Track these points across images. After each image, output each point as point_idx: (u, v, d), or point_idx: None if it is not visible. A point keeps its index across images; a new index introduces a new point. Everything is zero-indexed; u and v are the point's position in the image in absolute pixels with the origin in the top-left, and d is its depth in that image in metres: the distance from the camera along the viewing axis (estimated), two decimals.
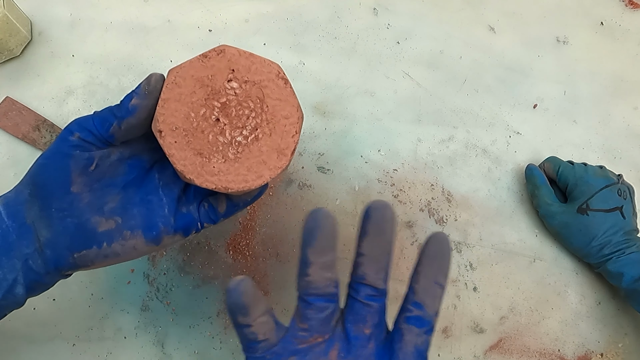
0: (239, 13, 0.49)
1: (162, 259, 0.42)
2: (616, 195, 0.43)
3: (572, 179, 0.45)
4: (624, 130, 0.53)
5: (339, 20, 0.50)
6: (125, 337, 0.40)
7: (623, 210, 0.43)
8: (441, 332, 0.44)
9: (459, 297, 0.45)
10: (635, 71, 0.55)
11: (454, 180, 0.48)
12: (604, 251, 0.43)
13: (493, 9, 0.54)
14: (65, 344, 0.40)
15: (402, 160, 0.48)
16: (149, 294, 0.41)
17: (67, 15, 0.46)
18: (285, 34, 0.49)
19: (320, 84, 0.48)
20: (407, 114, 0.49)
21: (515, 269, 0.47)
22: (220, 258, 0.42)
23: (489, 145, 0.50)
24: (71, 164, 0.27)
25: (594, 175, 0.44)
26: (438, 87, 0.50)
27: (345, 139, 0.47)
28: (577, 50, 0.54)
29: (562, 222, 0.45)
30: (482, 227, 0.47)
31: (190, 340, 0.41)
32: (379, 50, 0.50)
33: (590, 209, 0.43)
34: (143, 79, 0.27)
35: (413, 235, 0.46)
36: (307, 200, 0.45)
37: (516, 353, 0.45)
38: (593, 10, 0.56)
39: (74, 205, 0.28)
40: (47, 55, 0.45)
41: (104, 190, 0.29)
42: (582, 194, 0.44)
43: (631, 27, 0.56)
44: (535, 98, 0.52)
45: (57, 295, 0.40)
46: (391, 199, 0.46)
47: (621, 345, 0.47)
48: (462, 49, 0.52)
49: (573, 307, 0.47)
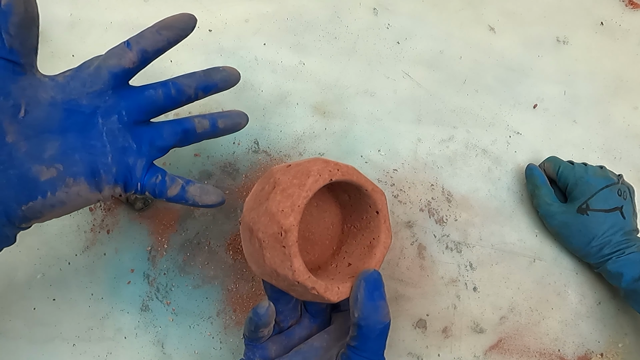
0: (239, 13, 0.49)
1: (162, 259, 0.42)
2: (616, 195, 0.43)
3: (572, 178, 0.45)
4: (624, 130, 0.53)
5: (339, 20, 0.50)
6: (125, 337, 0.40)
7: (623, 210, 0.43)
8: (441, 332, 0.44)
9: (459, 297, 0.45)
10: (635, 71, 0.55)
11: (454, 180, 0.48)
12: (604, 251, 0.43)
13: (493, 9, 0.54)
14: (65, 344, 0.40)
15: (402, 160, 0.48)
16: (149, 294, 0.41)
17: (67, 15, 0.46)
18: (285, 34, 0.49)
19: (320, 84, 0.48)
20: (407, 114, 0.49)
21: (515, 269, 0.47)
22: (220, 258, 0.42)
23: (489, 145, 0.50)
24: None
25: (594, 175, 0.44)
26: (438, 87, 0.50)
27: (345, 139, 0.47)
28: (577, 50, 0.54)
29: (562, 222, 0.45)
30: (482, 227, 0.47)
31: (190, 340, 0.41)
32: (379, 50, 0.50)
33: (590, 209, 0.43)
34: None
35: (413, 235, 0.46)
36: None
37: (516, 353, 0.45)
38: (593, 10, 0.56)
39: (12, 156, 0.27)
40: (47, 55, 0.45)
41: (41, 137, 0.28)
42: (582, 193, 0.44)
43: (631, 27, 0.56)
44: (535, 98, 0.52)
45: (57, 295, 0.40)
46: (391, 199, 0.46)
47: (621, 345, 0.47)
48: (462, 49, 0.52)
49: (573, 307, 0.47)
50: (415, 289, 0.45)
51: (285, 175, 0.30)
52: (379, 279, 0.30)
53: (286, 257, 0.28)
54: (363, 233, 0.33)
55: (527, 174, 0.48)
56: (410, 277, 0.45)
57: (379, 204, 0.32)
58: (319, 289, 0.29)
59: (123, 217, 0.42)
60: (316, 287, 0.29)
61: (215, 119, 0.33)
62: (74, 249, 0.41)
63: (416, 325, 0.44)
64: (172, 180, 0.31)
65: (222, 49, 0.48)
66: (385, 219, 0.32)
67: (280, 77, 0.48)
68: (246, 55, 0.48)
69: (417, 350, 0.44)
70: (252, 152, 0.45)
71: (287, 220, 0.28)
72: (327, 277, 0.31)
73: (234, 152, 0.45)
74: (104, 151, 0.29)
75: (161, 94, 0.30)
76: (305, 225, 0.34)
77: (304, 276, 0.28)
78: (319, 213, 0.34)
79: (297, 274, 0.28)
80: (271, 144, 0.46)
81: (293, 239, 0.28)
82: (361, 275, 0.30)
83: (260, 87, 0.47)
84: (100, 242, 0.42)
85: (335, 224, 0.35)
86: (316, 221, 0.34)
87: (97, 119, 0.29)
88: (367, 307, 0.29)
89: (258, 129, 0.46)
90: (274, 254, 0.29)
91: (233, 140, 0.45)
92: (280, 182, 0.30)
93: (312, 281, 0.29)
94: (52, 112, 0.28)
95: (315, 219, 0.34)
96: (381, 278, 0.30)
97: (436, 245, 0.46)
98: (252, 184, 0.44)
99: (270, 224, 0.28)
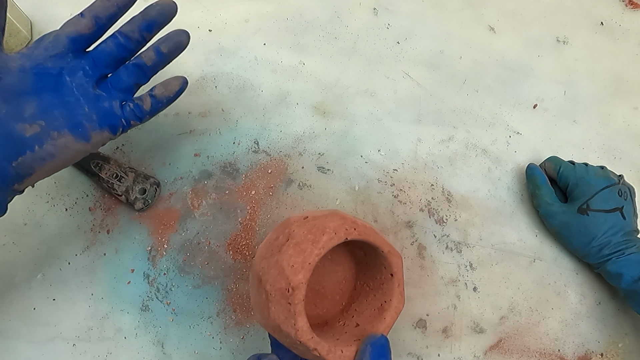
0: (239, 13, 0.49)
1: (162, 259, 0.42)
2: (617, 195, 0.43)
3: (572, 179, 0.45)
4: (624, 130, 0.53)
5: (339, 20, 0.50)
6: (125, 337, 0.40)
7: (623, 210, 0.43)
8: (441, 332, 0.44)
9: (459, 297, 0.45)
10: (635, 71, 0.55)
11: (454, 180, 0.48)
12: (604, 252, 0.43)
13: (493, 9, 0.54)
14: (65, 344, 0.40)
15: (402, 160, 0.48)
16: (149, 294, 0.41)
17: (67, 15, 0.46)
18: (285, 34, 0.49)
19: (320, 84, 0.48)
20: (407, 114, 0.49)
21: (515, 269, 0.47)
22: (220, 258, 0.42)
23: (489, 145, 0.50)
24: None
25: (595, 175, 0.44)
26: (438, 87, 0.50)
27: (345, 139, 0.47)
28: (577, 50, 0.54)
29: (563, 222, 0.45)
30: (482, 227, 0.47)
31: (190, 340, 0.41)
32: (379, 50, 0.50)
33: (591, 209, 0.43)
34: None
35: (413, 235, 0.46)
36: (307, 200, 0.45)
37: (516, 353, 0.45)
38: (593, 10, 0.56)
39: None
40: None
41: (18, 99, 0.31)
42: (582, 194, 0.44)
43: (631, 27, 0.56)
44: (535, 98, 0.52)
45: (57, 295, 0.40)
46: (391, 199, 0.46)
47: (621, 345, 0.47)
48: (462, 49, 0.52)
49: (573, 307, 0.47)
50: (415, 289, 0.45)
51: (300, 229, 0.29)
52: (386, 345, 0.29)
53: (291, 314, 0.27)
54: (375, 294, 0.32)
55: (528, 173, 0.48)
56: (410, 277, 0.45)
57: (394, 267, 0.31)
58: (322, 350, 0.28)
59: (123, 217, 0.42)
60: (318, 349, 0.28)
61: (158, 46, 0.34)
62: (74, 249, 0.41)
63: (416, 325, 0.44)
64: (141, 99, 0.35)
65: (222, 49, 0.48)
66: (399, 283, 0.31)
67: (280, 77, 0.48)
68: (246, 55, 0.48)
69: (417, 350, 0.44)
70: (252, 152, 0.45)
71: (296, 277, 0.27)
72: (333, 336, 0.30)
73: (234, 152, 0.45)
74: (79, 104, 0.32)
75: (112, 44, 0.33)
76: (316, 278, 0.33)
77: (307, 336, 0.28)
78: (332, 266, 0.34)
79: (299, 334, 0.27)
80: (271, 144, 0.46)
81: (300, 297, 0.27)
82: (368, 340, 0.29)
83: (260, 87, 0.47)
84: (100, 242, 0.42)
85: (348, 279, 0.34)
86: (328, 274, 0.33)
87: (64, 77, 0.32)
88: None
89: (258, 129, 0.46)
90: (279, 309, 0.28)
91: (233, 140, 0.45)
92: (295, 235, 0.29)
93: (315, 342, 0.28)
94: (23, 77, 0.31)
95: (327, 272, 0.33)
96: (388, 344, 0.29)
97: (436, 245, 0.46)
98: (252, 184, 0.44)
99: (279, 277, 0.28)
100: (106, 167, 0.42)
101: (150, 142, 0.44)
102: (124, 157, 0.44)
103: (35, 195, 0.42)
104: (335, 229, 0.29)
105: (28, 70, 0.31)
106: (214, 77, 0.47)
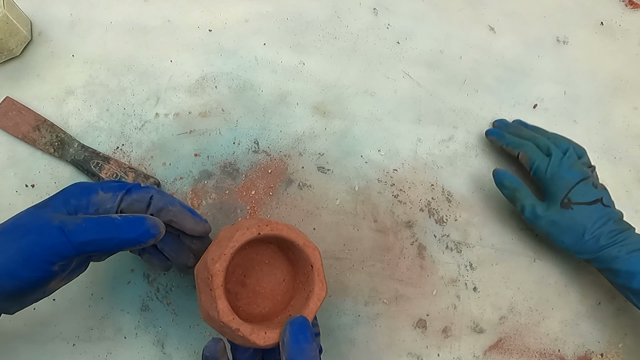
0: (239, 13, 0.49)
1: None
2: (592, 187, 0.43)
3: (548, 174, 0.44)
4: (624, 130, 0.53)
5: (339, 20, 0.50)
6: (125, 337, 0.40)
7: (604, 201, 0.42)
8: (441, 332, 0.44)
9: (459, 297, 0.45)
10: (635, 71, 0.55)
11: (454, 180, 0.48)
12: (601, 242, 0.41)
13: (493, 9, 0.54)
14: (65, 344, 0.40)
15: (402, 160, 0.48)
16: (149, 294, 0.41)
17: (67, 15, 0.46)
18: (285, 34, 0.49)
19: (320, 84, 0.48)
20: (407, 114, 0.49)
21: (515, 269, 0.47)
22: None
23: (489, 145, 0.50)
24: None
25: (569, 168, 0.43)
26: (438, 87, 0.50)
27: (345, 139, 0.47)
28: (577, 50, 0.54)
29: (550, 221, 0.43)
30: (482, 227, 0.47)
31: (190, 340, 0.41)
32: (379, 50, 0.50)
33: (573, 203, 0.42)
34: None
35: (413, 235, 0.46)
36: (307, 200, 0.45)
37: (516, 353, 0.45)
38: (593, 10, 0.56)
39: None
40: (47, 55, 0.45)
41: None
42: (559, 188, 0.43)
43: (631, 27, 0.56)
44: (535, 98, 0.52)
45: (57, 295, 0.40)
46: (391, 199, 0.46)
47: (621, 345, 0.47)
48: (462, 49, 0.52)
49: (573, 307, 0.47)
50: (415, 289, 0.45)
51: (223, 232, 0.34)
52: (305, 323, 0.31)
53: (212, 299, 0.31)
54: (304, 287, 0.36)
55: (499, 180, 0.45)
56: (410, 277, 0.45)
57: (312, 258, 0.34)
58: (244, 331, 0.31)
59: None
60: (241, 329, 0.31)
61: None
62: None
63: (416, 325, 0.44)
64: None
65: (222, 49, 0.48)
66: (318, 273, 0.34)
67: (280, 77, 0.48)
68: (246, 55, 0.48)
69: (417, 350, 0.44)
70: (252, 152, 0.45)
71: (214, 266, 0.31)
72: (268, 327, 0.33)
73: (234, 152, 0.45)
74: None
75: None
76: (255, 279, 0.37)
77: (228, 317, 0.31)
78: (270, 269, 0.37)
79: (221, 315, 0.31)
80: (271, 144, 0.46)
81: (218, 282, 0.31)
82: (288, 321, 0.32)
83: (260, 87, 0.47)
84: None
85: (288, 280, 0.38)
86: (267, 277, 0.37)
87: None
88: (293, 350, 0.30)
89: (258, 129, 0.46)
90: (206, 298, 0.32)
91: (233, 140, 0.45)
92: (218, 236, 0.34)
93: (237, 323, 0.31)
94: (81, 265, 0.33)
95: (266, 275, 0.37)
96: (308, 323, 0.32)
97: (436, 245, 0.46)
98: (252, 184, 0.44)
99: (203, 270, 0.32)
100: (106, 167, 0.42)
101: (150, 142, 0.44)
102: (124, 157, 0.44)
103: (35, 195, 0.42)
104: (249, 226, 0.33)
105: (83, 262, 0.33)
106: (214, 77, 0.47)
